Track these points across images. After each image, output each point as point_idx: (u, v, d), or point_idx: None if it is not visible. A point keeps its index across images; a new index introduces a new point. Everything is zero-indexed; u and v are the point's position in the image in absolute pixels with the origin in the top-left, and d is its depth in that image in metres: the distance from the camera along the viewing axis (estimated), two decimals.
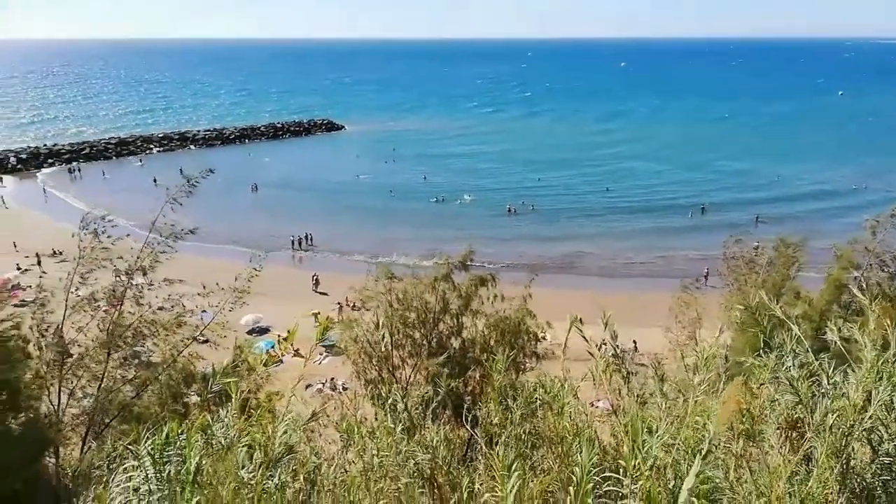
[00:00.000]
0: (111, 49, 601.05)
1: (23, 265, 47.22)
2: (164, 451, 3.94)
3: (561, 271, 48.89)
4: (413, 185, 77.51)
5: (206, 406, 7.05)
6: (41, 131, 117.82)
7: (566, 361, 5.30)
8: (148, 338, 10.44)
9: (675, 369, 12.31)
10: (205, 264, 41.59)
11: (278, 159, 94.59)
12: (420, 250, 51.48)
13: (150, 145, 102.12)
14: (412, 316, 13.08)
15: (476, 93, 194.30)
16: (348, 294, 41.62)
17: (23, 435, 7.22)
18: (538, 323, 14.18)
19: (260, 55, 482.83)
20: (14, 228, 58.15)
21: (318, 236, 57.39)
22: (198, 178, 11.07)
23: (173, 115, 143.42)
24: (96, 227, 10.29)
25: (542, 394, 4.79)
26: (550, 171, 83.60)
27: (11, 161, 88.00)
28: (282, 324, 38.45)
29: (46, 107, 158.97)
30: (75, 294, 10.04)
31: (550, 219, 63.43)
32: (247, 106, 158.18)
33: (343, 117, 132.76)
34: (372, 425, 4.91)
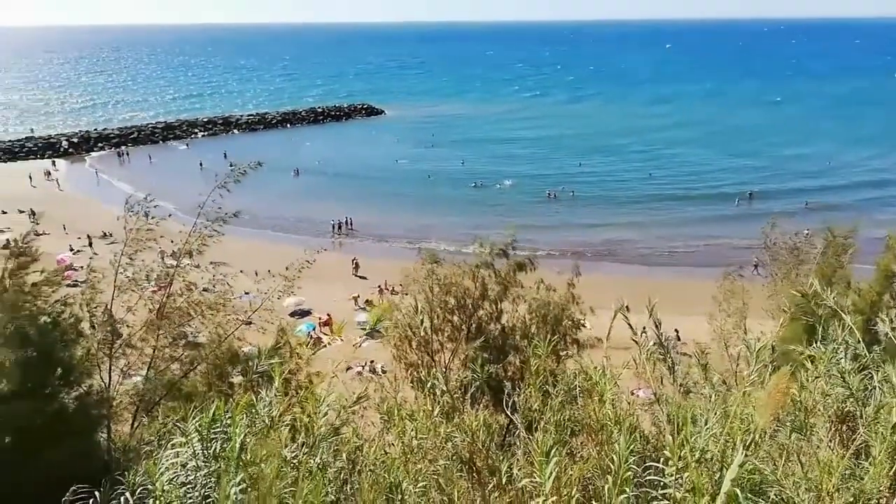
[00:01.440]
0: (160, 35, 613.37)
1: (75, 246, 48.85)
2: (210, 429, 4.07)
3: (601, 258, 48.35)
4: (452, 170, 77.37)
5: (250, 386, 7.22)
6: (93, 116, 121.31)
7: (607, 349, 5.23)
8: (195, 318, 10.71)
9: (719, 359, 12.05)
10: (247, 247, 42.51)
11: (319, 144, 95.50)
12: (459, 235, 51.51)
13: (195, 129, 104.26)
14: (451, 301, 13.12)
15: (518, 76, 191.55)
16: (387, 278, 42.14)
17: (76, 410, 7.49)
18: (581, 310, 14.05)
19: (305, 40, 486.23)
20: (68, 210, 60.19)
21: (358, 221, 57.89)
22: (246, 169, 11.23)
23: (220, 100, 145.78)
24: (140, 208, 10.55)
25: (583, 381, 4.76)
26: (592, 157, 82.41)
27: (63, 145, 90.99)
28: (322, 307, 39.02)
29: (98, 92, 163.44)
30: (123, 275, 10.33)
31: (591, 205, 62.60)
32: (291, 91, 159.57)
33: (383, 102, 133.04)
34: (412, 408, 4.97)
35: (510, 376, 11.78)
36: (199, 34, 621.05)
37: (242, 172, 11.10)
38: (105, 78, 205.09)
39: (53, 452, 6.62)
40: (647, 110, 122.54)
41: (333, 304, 40.02)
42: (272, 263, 29.11)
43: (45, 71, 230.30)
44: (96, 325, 9.51)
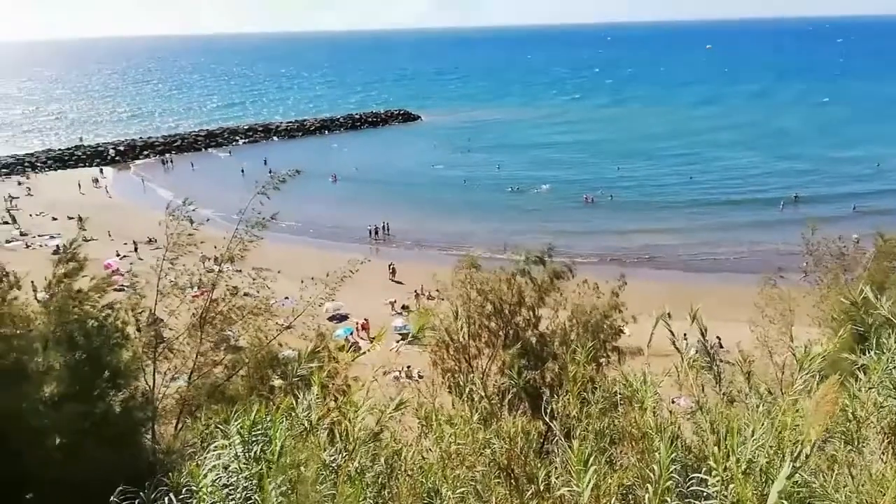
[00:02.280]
0: (204, 44, 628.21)
1: (122, 252, 50.26)
2: (251, 432, 4.13)
3: (640, 264, 47.55)
4: (488, 175, 77.24)
5: (289, 389, 7.31)
6: (140, 125, 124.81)
7: (646, 357, 5.15)
8: (237, 323, 10.91)
9: (763, 366, 11.73)
10: (286, 252, 43.14)
11: (356, 150, 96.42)
12: (495, 241, 51.37)
13: (236, 137, 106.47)
14: (489, 306, 13.08)
15: (556, 80, 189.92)
16: (424, 283, 42.25)
17: (123, 413, 7.69)
18: (623, 317, 13.85)
19: (345, 47, 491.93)
20: (115, 216, 62.01)
21: (395, 226, 58.23)
22: (285, 177, 11.41)
23: (262, 107, 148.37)
24: (181, 214, 10.79)
25: (623, 388, 4.69)
26: (632, 161, 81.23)
27: (110, 153, 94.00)
28: (359, 311, 39.32)
29: (145, 101, 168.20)
30: (165, 279, 10.59)
31: (630, 210, 61.65)
32: (330, 98, 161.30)
33: (421, 107, 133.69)
34: (449, 413, 4.96)
35: (548, 383, 11.68)
36: (241, 43, 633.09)
37: (282, 180, 11.28)
38: (151, 87, 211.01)
39: (100, 453, 6.81)
40: (689, 113, 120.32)
41: (370, 308, 40.30)
42: (311, 268, 29.48)
43: (95, 81, 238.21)
44: (141, 328, 9.76)
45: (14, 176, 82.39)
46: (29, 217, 63.02)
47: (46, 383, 7.02)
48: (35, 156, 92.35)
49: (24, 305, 7.90)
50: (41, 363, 7.06)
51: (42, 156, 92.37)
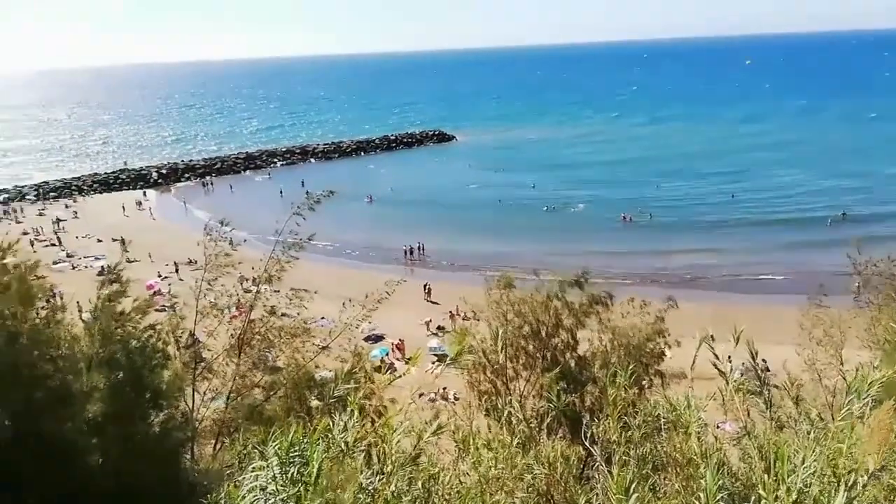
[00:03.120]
0: (245, 69, 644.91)
1: (163, 273, 51.44)
2: (289, 453, 4.12)
3: (681, 285, 46.42)
4: (524, 194, 77.06)
5: (327, 411, 7.32)
6: (183, 149, 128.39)
7: (689, 380, 5.00)
8: (274, 344, 11.01)
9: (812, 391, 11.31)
10: (322, 272, 43.66)
11: (391, 171, 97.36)
12: (530, 261, 50.91)
13: (274, 159, 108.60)
14: (526, 328, 12.93)
15: (593, 99, 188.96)
16: (459, 303, 42.14)
17: (163, 433, 7.79)
18: (666, 341, 13.52)
19: (383, 69, 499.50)
20: (157, 238, 63.63)
21: (430, 246, 58.40)
22: (320, 197, 11.53)
23: (300, 130, 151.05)
24: (219, 235, 10.97)
25: (667, 412, 4.55)
26: (671, 179, 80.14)
27: (153, 176, 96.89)
28: (395, 332, 39.39)
29: (187, 126, 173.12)
30: (204, 300, 10.75)
31: (670, 229, 60.62)
32: (368, 119, 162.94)
33: (456, 128, 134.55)
34: (487, 437, 4.88)
35: (588, 407, 11.45)
36: (281, 67, 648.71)
37: (317, 201, 11.40)
38: (194, 112, 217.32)
39: (142, 474, 6.89)
40: (731, 130, 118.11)
41: (406, 329, 40.34)
42: (347, 288, 29.67)
43: (140, 107, 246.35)
44: (181, 349, 9.92)
45: (62, 199, 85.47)
46: (75, 239, 65.10)
47: (90, 404, 7.16)
48: (82, 179, 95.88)
49: (71, 325, 8.10)
50: (85, 384, 7.21)
51: (88, 179, 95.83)
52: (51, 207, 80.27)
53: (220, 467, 8.12)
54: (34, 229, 67.45)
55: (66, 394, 7.08)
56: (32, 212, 78.23)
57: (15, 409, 6.89)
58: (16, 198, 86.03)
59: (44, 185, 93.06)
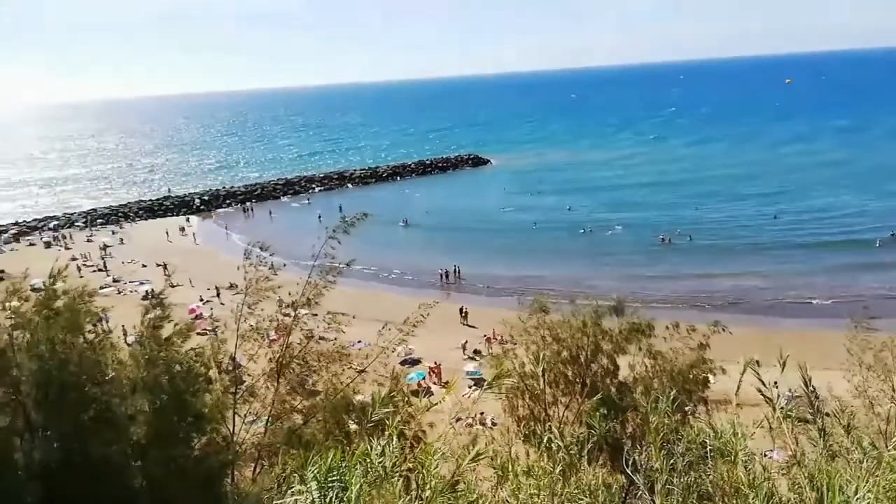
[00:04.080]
0: (284, 98, 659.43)
1: (205, 296, 52.43)
2: (328, 478, 4.13)
3: (723, 308, 45.30)
4: (560, 217, 76.52)
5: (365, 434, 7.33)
6: (226, 175, 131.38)
7: (734, 407, 4.88)
8: (313, 368, 11.08)
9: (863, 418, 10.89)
10: (359, 296, 43.95)
11: (427, 195, 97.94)
12: (567, 284, 50.67)
13: (312, 185, 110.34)
14: (564, 353, 12.75)
15: (630, 121, 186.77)
16: (495, 327, 41.88)
17: (205, 456, 7.89)
18: (711, 367, 13.15)
19: (420, 94, 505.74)
20: (200, 262, 65.08)
21: (465, 270, 58.33)
22: (354, 220, 11.65)
23: (339, 156, 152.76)
24: (259, 260, 11.16)
25: (712, 440, 4.43)
26: (711, 201, 78.66)
27: (196, 202, 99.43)
28: (431, 355, 39.30)
29: (230, 153, 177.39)
30: (245, 323, 10.91)
31: (710, 251, 59.32)
32: (405, 145, 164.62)
33: (492, 151, 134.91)
34: (527, 464, 4.79)
35: (630, 433, 11.20)
36: (320, 95, 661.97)
37: (351, 224, 11.51)
38: (236, 140, 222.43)
39: (184, 496, 6.97)
40: (773, 150, 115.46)
41: (442, 352, 40.21)
42: (383, 311, 29.81)
43: (184, 135, 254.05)
44: (222, 373, 10.06)
45: (109, 226, 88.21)
46: (121, 264, 66.91)
47: (134, 427, 7.30)
48: (128, 206, 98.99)
49: (116, 349, 8.31)
50: (129, 407, 7.36)
51: (134, 206, 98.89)
52: (98, 234, 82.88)
53: (260, 491, 8.16)
54: (82, 255, 69.61)
55: (112, 417, 7.24)
56: (81, 238, 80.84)
57: (63, 431, 7.07)
58: (65, 225, 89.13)
59: (92, 212, 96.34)
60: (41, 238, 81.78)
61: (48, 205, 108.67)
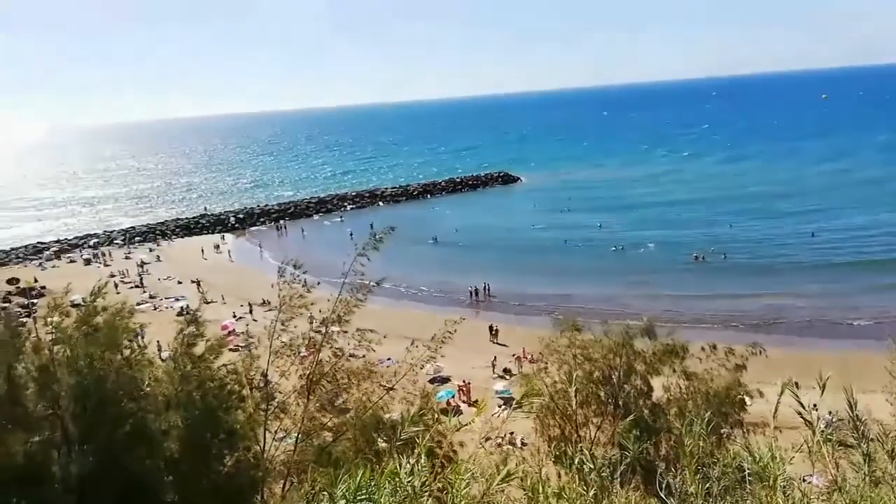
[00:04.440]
0: (319, 118, 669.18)
1: (238, 313, 53.15)
2: (356, 496, 4.11)
3: (758, 328, 44.28)
4: (591, 235, 75.89)
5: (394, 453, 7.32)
6: (262, 194, 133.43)
7: (771, 430, 4.74)
8: (342, 385, 11.11)
9: None
10: (388, 313, 44.04)
11: (457, 212, 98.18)
12: (599, 301, 50.12)
13: (344, 203, 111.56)
14: (596, 373, 12.56)
15: (663, 138, 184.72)
16: (525, 345, 41.58)
17: (236, 472, 7.95)
18: (747, 390, 12.81)
19: (451, 113, 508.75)
20: (234, 279, 66.14)
21: (496, 287, 58.13)
22: (382, 235, 11.70)
23: (372, 174, 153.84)
24: (292, 277, 11.27)
25: (750, 464, 4.30)
26: (747, 219, 77.26)
27: (231, 220, 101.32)
28: (460, 373, 39.16)
29: (265, 172, 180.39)
30: (278, 340, 11.01)
31: (746, 270, 58.07)
32: (436, 163, 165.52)
33: (522, 169, 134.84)
34: (559, 485, 4.70)
35: (663, 456, 10.96)
36: (351, 115, 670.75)
37: (379, 239, 11.54)
38: (271, 159, 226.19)
39: None
40: (810, 167, 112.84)
41: (471, 370, 40.05)
42: (412, 329, 29.90)
43: (221, 155, 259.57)
44: (253, 389, 10.15)
45: (146, 243, 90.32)
46: (157, 281, 68.36)
47: (167, 442, 7.40)
48: (165, 224, 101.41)
49: (152, 364, 8.45)
50: (163, 422, 7.47)
51: (171, 224, 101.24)
52: (136, 251, 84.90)
53: None
54: (120, 272, 71.28)
55: (147, 432, 7.35)
56: (119, 255, 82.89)
57: (99, 445, 7.20)
58: (105, 242, 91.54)
59: (131, 230, 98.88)
60: (81, 255, 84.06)
61: (89, 223, 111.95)
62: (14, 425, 8.03)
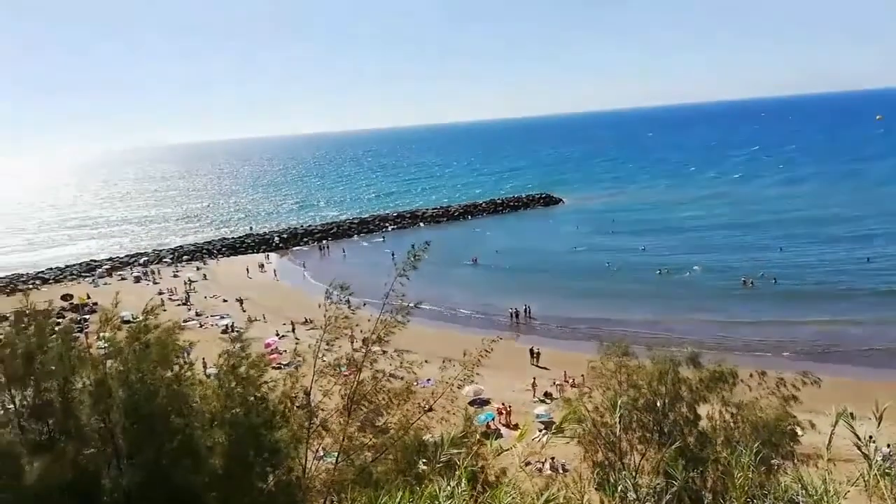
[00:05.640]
0: (363, 139, 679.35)
1: (280, 331, 53.92)
2: None
3: (810, 357, 42.69)
4: (634, 258, 74.64)
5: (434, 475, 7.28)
6: (307, 215, 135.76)
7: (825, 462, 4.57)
8: (383, 405, 11.15)
9: None
10: (427, 334, 44.00)
11: (498, 234, 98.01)
12: (643, 326, 49.19)
13: (385, 224, 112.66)
14: (641, 400, 12.27)
15: (711, 160, 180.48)
16: (567, 369, 41.00)
17: (279, 491, 8.03)
18: (798, 421, 12.34)
19: (493, 134, 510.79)
20: (277, 298, 67.28)
21: (536, 310, 57.60)
22: (419, 252, 11.70)
23: (416, 196, 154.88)
24: (339, 298, 11.40)
25: (804, 497, 4.14)
26: (799, 242, 74.82)
27: (275, 240, 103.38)
28: (500, 396, 38.82)
29: (311, 193, 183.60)
30: (322, 360, 11.13)
31: (796, 295, 55.98)
32: (478, 184, 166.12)
33: (564, 191, 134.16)
34: None
35: (710, 487, 10.62)
36: (396, 137, 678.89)
37: (417, 258, 11.54)
38: (316, 180, 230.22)
39: None
40: (867, 190, 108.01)
41: (511, 393, 39.65)
42: (451, 350, 29.75)
43: (267, 176, 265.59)
44: (296, 408, 10.28)
45: (194, 262, 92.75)
46: (203, 299, 69.97)
47: (212, 458, 7.53)
48: (212, 244, 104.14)
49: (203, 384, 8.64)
50: (209, 439, 7.61)
51: (218, 244, 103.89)
52: (184, 269, 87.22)
53: None
54: (168, 290, 73.27)
55: (193, 447, 7.50)
56: (168, 273, 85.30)
57: (148, 458, 7.38)
58: (154, 261, 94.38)
59: (179, 248, 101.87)
60: (132, 273, 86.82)
61: (139, 241, 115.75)
62: (67, 437, 8.31)
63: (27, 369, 7.88)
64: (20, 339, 8.21)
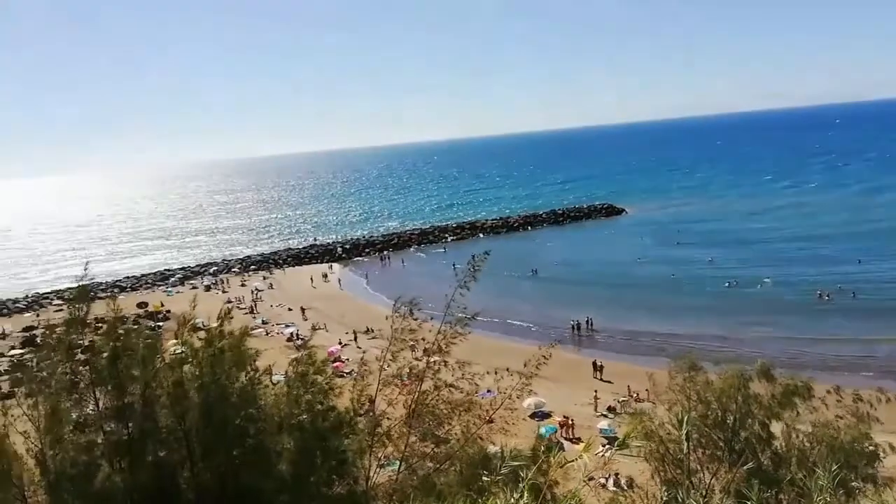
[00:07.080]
0: (422, 151, 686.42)
1: (343, 340, 54.83)
2: None
3: (889, 375, 40.21)
4: (700, 270, 72.32)
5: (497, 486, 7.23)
6: (371, 226, 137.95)
7: None
8: (444, 416, 11.19)
9: None
10: (487, 345, 43.91)
11: (558, 245, 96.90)
12: (711, 340, 47.65)
13: (445, 235, 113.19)
14: (710, 416, 11.86)
15: (784, 169, 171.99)
16: (631, 383, 40.06)
17: (345, 497, 8.17)
18: (877, 442, 11.68)
19: (550, 145, 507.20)
20: (339, 307, 68.53)
21: (599, 322, 56.57)
22: (479, 263, 11.67)
23: (478, 207, 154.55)
24: (406, 309, 11.52)
25: None
26: (881, 255, 70.48)
27: (338, 250, 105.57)
28: (562, 409, 38.25)
29: (374, 205, 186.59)
30: (387, 370, 11.26)
31: (876, 311, 52.71)
32: (541, 195, 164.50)
33: (628, 201, 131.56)
34: None
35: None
36: (455, 149, 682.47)
37: (476, 267, 11.51)
38: (378, 192, 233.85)
39: None
40: None
41: (573, 406, 39.02)
42: (511, 361, 29.59)
43: (331, 189, 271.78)
44: (361, 416, 10.44)
45: (261, 272, 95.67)
46: (269, 307, 72.02)
47: (280, 463, 7.73)
48: (278, 254, 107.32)
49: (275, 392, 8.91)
50: (277, 444, 7.83)
51: (283, 254, 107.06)
52: (251, 279, 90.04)
53: None
54: (236, 298, 75.71)
55: (263, 452, 7.73)
56: (236, 282, 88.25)
57: (220, 461, 7.65)
58: (223, 270, 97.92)
59: (247, 259, 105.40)
60: (202, 282, 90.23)
61: (210, 251, 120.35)
62: (145, 438, 8.71)
63: (111, 371, 8.33)
64: (106, 343, 8.68)
